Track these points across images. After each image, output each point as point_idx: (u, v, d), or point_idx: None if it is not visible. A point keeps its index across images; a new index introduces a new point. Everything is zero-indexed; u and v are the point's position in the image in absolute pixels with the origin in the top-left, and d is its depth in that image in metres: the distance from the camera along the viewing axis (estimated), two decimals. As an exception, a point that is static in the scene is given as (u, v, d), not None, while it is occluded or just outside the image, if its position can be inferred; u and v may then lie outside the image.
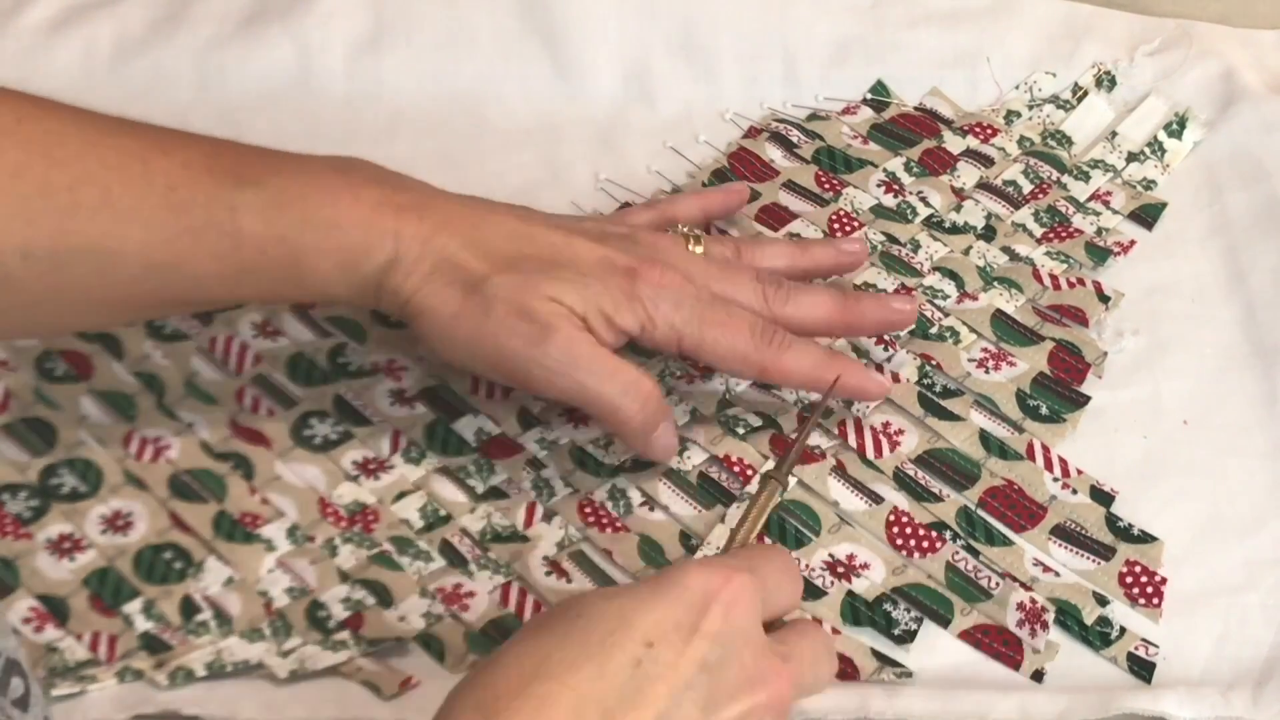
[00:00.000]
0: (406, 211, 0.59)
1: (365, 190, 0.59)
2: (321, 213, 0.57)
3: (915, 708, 0.56)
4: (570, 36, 0.79)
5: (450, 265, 0.58)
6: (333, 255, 0.58)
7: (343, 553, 0.60)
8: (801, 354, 0.62)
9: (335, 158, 0.61)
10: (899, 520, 0.62)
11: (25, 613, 0.58)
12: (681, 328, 0.60)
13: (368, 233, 0.58)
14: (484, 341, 0.58)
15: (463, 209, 0.60)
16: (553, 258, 0.60)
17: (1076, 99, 0.80)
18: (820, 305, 0.64)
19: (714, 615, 0.48)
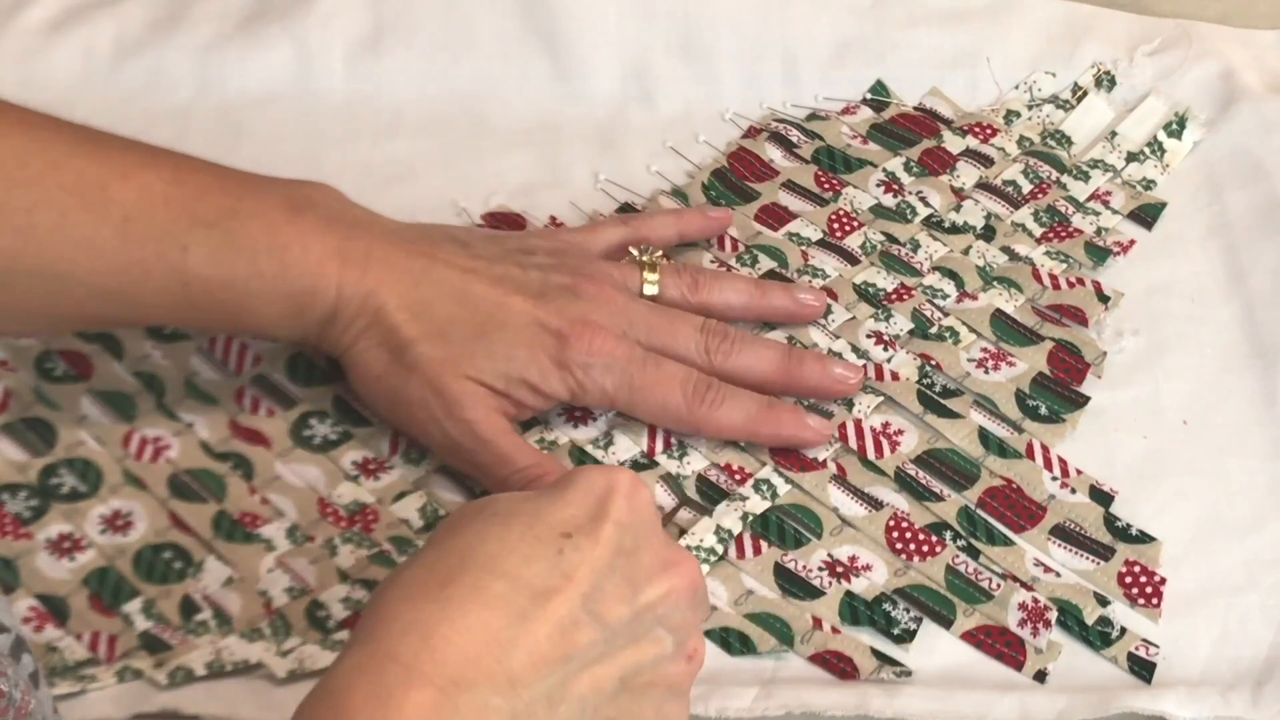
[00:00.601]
0: (351, 264, 0.60)
1: (316, 237, 0.59)
2: (269, 261, 0.59)
3: (915, 707, 0.56)
4: (570, 36, 0.79)
5: (382, 326, 0.60)
6: (277, 303, 0.59)
7: (342, 552, 0.60)
8: (735, 409, 0.62)
9: (295, 188, 0.61)
10: (899, 525, 0.62)
11: (25, 612, 0.58)
12: (613, 392, 0.62)
13: (312, 284, 0.59)
14: (399, 407, 0.61)
15: (407, 261, 0.61)
16: (484, 323, 0.61)
17: (1076, 99, 0.80)
18: (762, 361, 0.64)
19: (619, 505, 0.49)
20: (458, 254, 0.62)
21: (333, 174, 0.74)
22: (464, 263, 0.62)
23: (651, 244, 0.67)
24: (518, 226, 0.73)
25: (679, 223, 0.70)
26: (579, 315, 0.61)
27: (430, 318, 0.60)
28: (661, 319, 0.63)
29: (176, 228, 0.57)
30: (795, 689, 0.56)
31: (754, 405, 0.63)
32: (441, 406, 0.60)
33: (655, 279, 0.65)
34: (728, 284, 0.67)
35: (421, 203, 0.73)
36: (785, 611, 0.59)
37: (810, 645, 0.58)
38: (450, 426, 0.60)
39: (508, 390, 0.60)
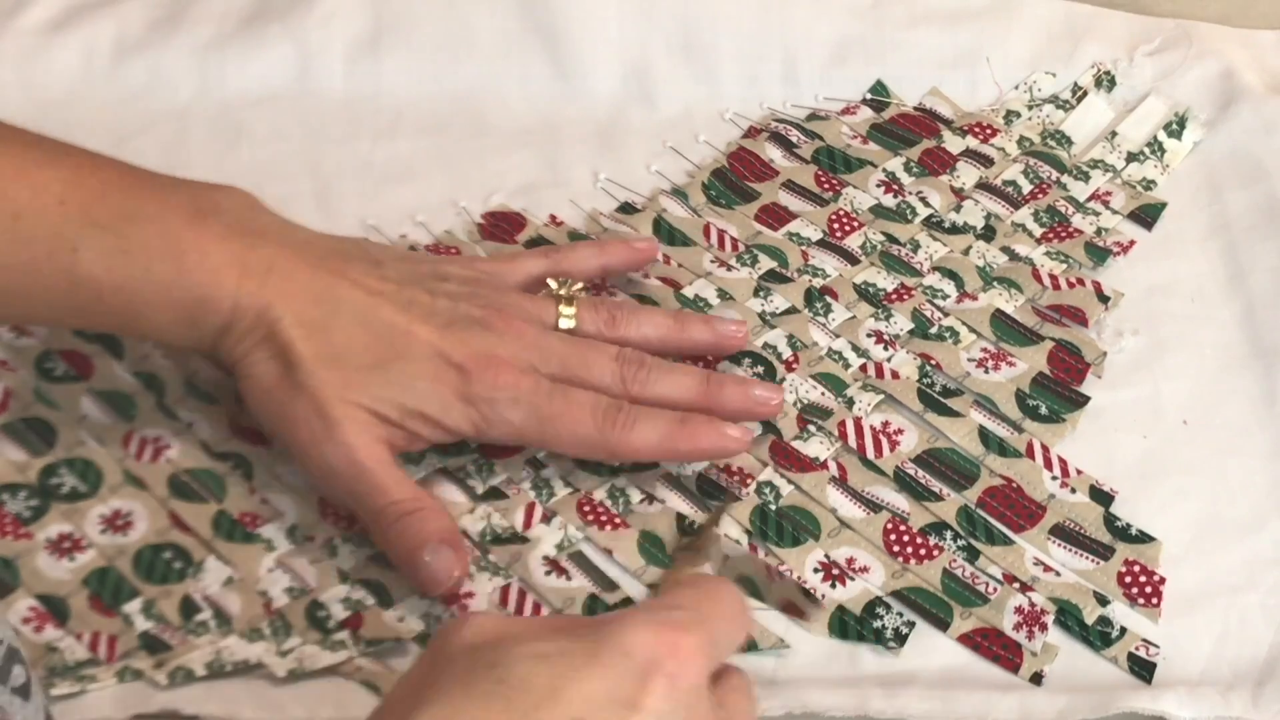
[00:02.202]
0: (250, 275, 0.58)
1: (215, 246, 0.58)
2: (164, 267, 0.57)
3: (915, 707, 0.56)
4: (570, 36, 0.79)
5: (277, 341, 0.58)
6: (169, 310, 0.58)
7: (342, 552, 0.60)
8: (649, 429, 0.60)
9: (202, 193, 0.60)
10: (896, 528, 0.62)
11: (25, 612, 0.58)
12: (520, 425, 0.60)
13: (206, 294, 0.57)
14: (283, 424, 0.59)
15: (310, 277, 0.59)
16: (384, 352, 0.59)
17: (1076, 99, 0.80)
18: (680, 388, 0.62)
19: (657, 689, 0.43)
20: (368, 274, 0.60)
21: (333, 174, 0.75)
22: (372, 284, 0.60)
23: (573, 276, 0.65)
24: (518, 226, 0.73)
25: (602, 255, 0.67)
26: (484, 349, 0.59)
27: (327, 338, 0.58)
28: (574, 350, 0.61)
29: (68, 228, 0.56)
30: (795, 689, 0.56)
31: (667, 423, 0.60)
32: (323, 429, 0.57)
33: (571, 313, 0.63)
34: (645, 318, 0.64)
35: (421, 203, 0.74)
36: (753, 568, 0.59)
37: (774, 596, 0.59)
38: (329, 450, 0.57)
39: (401, 421, 0.58)
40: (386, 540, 0.58)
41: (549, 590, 0.59)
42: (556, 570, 0.60)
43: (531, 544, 0.61)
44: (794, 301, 0.70)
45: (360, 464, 0.58)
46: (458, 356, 0.59)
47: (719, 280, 0.71)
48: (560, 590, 0.59)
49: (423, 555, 0.57)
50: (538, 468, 0.63)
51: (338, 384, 0.58)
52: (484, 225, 0.73)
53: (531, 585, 0.60)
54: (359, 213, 0.73)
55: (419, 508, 0.58)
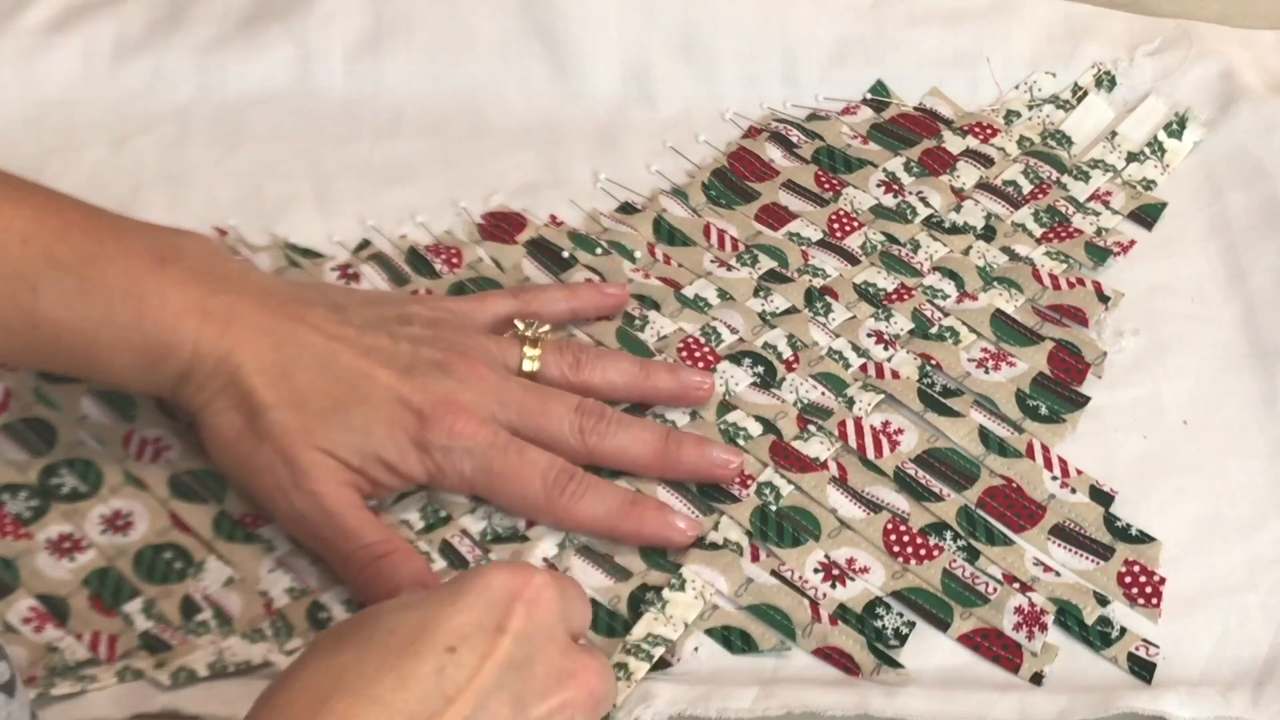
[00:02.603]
0: (210, 321, 0.57)
1: (175, 291, 0.57)
2: (124, 311, 0.57)
3: (915, 707, 0.56)
4: (570, 36, 0.79)
5: (238, 389, 0.58)
6: (127, 355, 0.57)
7: (343, 553, 0.60)
8: (596, 502, 0.60)
9: (165, 237, 0.59)
10: (896, 528, 0.62)
11: (25, 613, 0.58)
12: (471, 476, 0.59)
13: (166, 340, 0.57)
14: (248, 474, 0.58)
15: (271, 323, 0.59)
16: (345, 395, 0.58)
17: (1076, 99, 0.80)
18: (637, 443, 0.61)
19: (518, 613, 0.47)
20: (328, 319, 0.60)
21: (333, 174, 0.75)
22: (333, 329, 0.60)
23: (540, 319, 0.64)
24: (518, 226, 0.73)
25: (571, 298, 0.67)
26: (444, 395, 0.59)
27: (289, 384, 0.58)
28: (535, 399, 0.61)
29: (30, 267, 0.56)
30: (795, 689, 0.56)
31: (616, 499, 0.60)
32: (290, 476, 0.57)
33: (536, 355, 0.62)
34: (611, 364, 0.64)
35: (421, 203, 0.74)
36: (784, 601, 0.59)
37: (811, 639, 0.58)
38: (296, 497, 0.57)
39: (362, 467, 0.58)
40: (358, 585, 0.57)
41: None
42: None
43: (531, 543, 0.61)
44: (794, 301, 0.70)
45: (328, 510, 0.57)
46: (416, 401, 0.59)
47: (719, 280, 0.71)
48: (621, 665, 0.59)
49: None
50: (538, 468, 0.63)
51: (301, 430, 0.57)
52: (484, 225, 0.73)
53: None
54: (359, 213, 0.73)
55: (390, 550, 0.57)
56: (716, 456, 0.62)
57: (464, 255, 0.71)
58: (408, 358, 0.60)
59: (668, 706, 0.55)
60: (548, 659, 0.48)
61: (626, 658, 0.57)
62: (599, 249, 0.72)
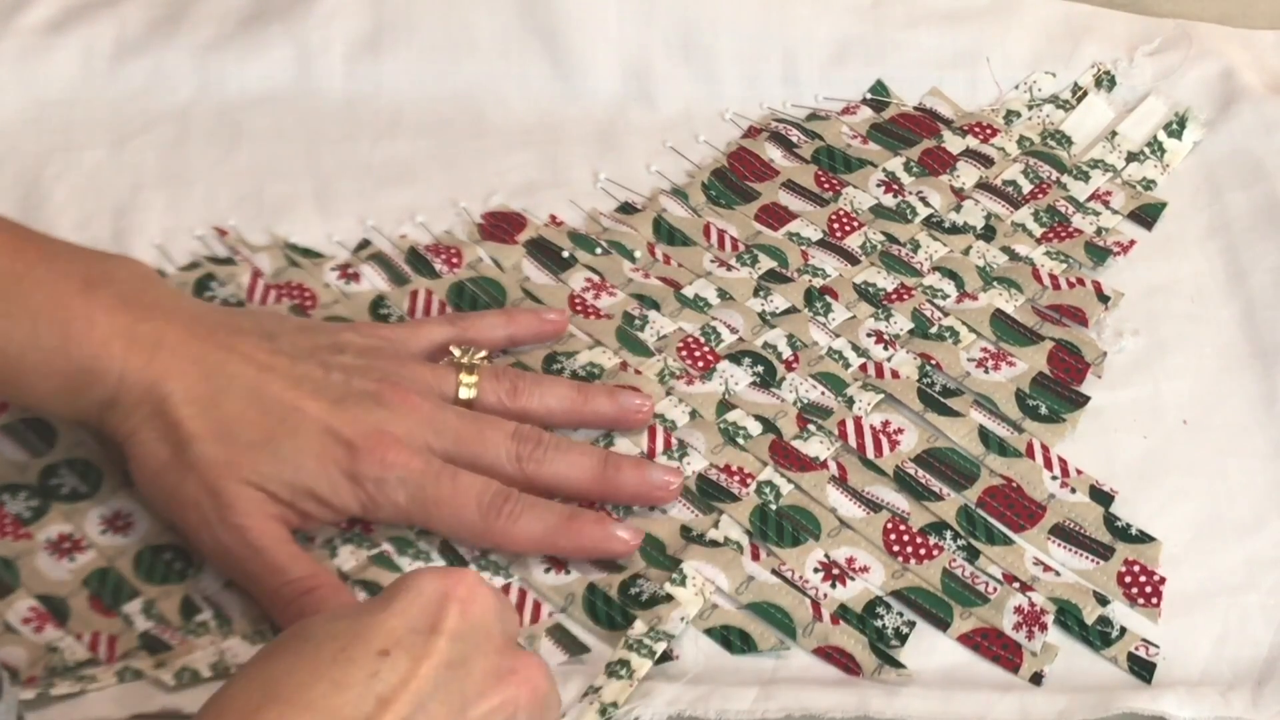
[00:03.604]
0: (137, 349, 0.56)
1: (103, 316, 0.56)
2: (50, 334, 0.56)
3: (915, 707, 0.56)
4: (570, 36, 0.79)
5: (164, 419, 0.57)
6: (52, 379, 0.56)
7: (342, 553, 0.60)
8: (534, 521, 0.59)
9: (96, 262, 0.59)
10: (896, 527, 0.62)
11: (25, 613, 0.57)
12: (406, 506, 0.58)
13: (92, 366, 0.56)
14: (173, 506, 0.58)
15: (200, 351, 0.58)
16: (274, 427, 0.57)
17: (1076, 99, 0.80)
18: (575, 468, 0.60)
19: (452, 613, 0.46)
20: (259, 348, 0.59)
21: (333, 174, 0.75)
22: (263, 359, 0.58)
23: (478, 345, 0.64)
24: (518, 226, 0.73)
25: (510, 324, 0.66)
26: (375, 426, 0.58)
27: (216, 415, 0.57)
28: (470, 427, 0.60)
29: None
30: (795, 690, 0.56)
31: (554, 517, 0.59)
32: (215, 509, 0.56)
33: (473, 381, 0.61)
34: (548, 389, 0.63)
35: (421, 203, 0.73)
36: (785, 600, 0.59)
37: (812, 638, 0.58)
38: (221, 531, 0.56)
39: (292, 500, 0.57)
40: (284, 620, 0.56)
41: (549, 588, 0.59)
42: (556, 567, 0.60)
43: (531, 544, 0.61)
44: (794, 301, 0.70)
45: (252, 545, 0.56)
46: (347, 433, 0.58)
47: (719, 280, 0.71)
48: (560, 587, 0.59)
49: None
50: (538, 468, 0.63)
51: (227, 463, 0.56)
52: (484, 225, 0.73)
53: (531, 584, 0.60)
54: (359, 213, 0.73)
55: (315, 585, 0.56)
56: (656, 479, 0.61)
57: (464, 255, 0.71)
58: (339, 388, 0.59)
59: (668, 707, 0.55)
60: (485, 658, 0.47)
61: (629, 654, 0.57)
62: (599, 249, 0.72)
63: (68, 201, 0.72)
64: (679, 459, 0.63)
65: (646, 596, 0.59)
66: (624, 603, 0.58)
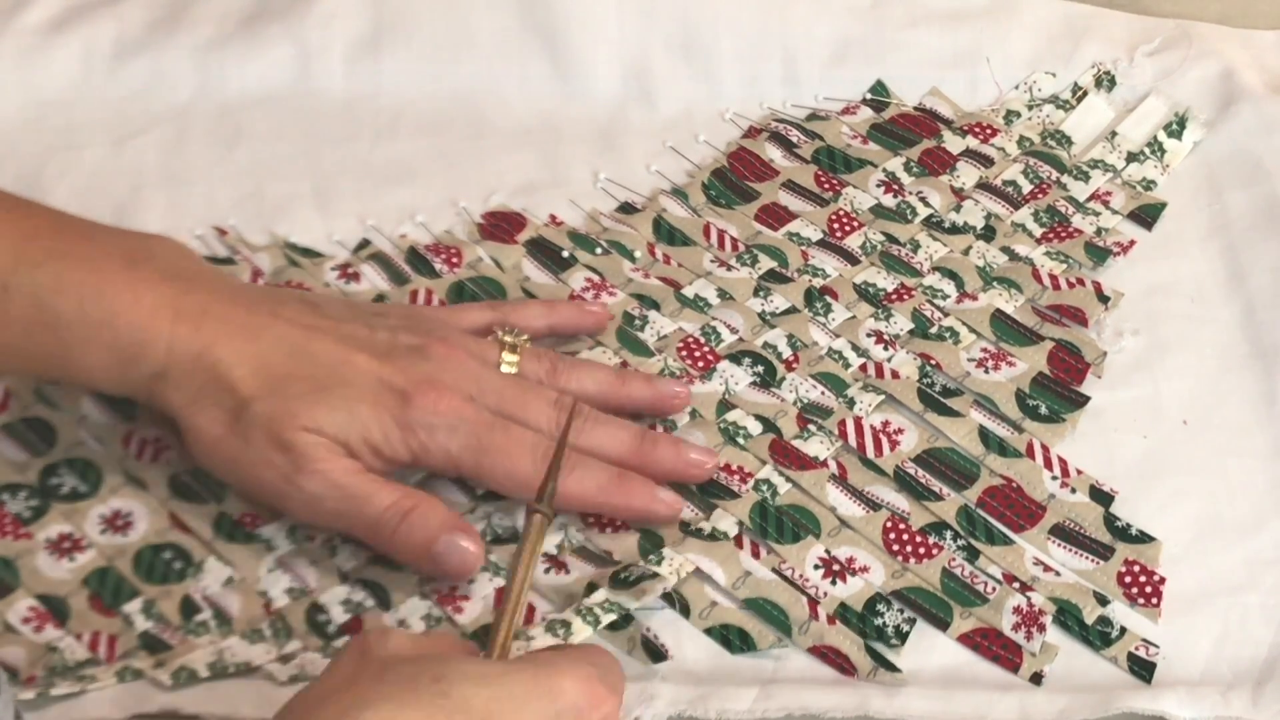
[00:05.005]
0: (184, 319, 0.57)
1: (147, 290, 0.57)
2: (96, 308, 0.56)
3: (915, 707, 0.56)
4: (570, 36, 0.79)
5: (217, 385, 0.57)
6: (101, 353, 0.57)
7: (342, 553, 0.60)
8: (586, 477, 0.59)
9: (135, 240, 0.59)
10: (895, 527, 0.62)
11: (25, 613, 0.57)
12: (458, 455, 0.58)
13: (140, 338, 0.56)
14: (242, 470, 0.58)
15: (245, 317, 0.58)
16: (325, 379, 0.58)
17: (1076, 99, 0.80)
18: (614, 440, 0.61)
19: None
20: (303, 313, 0.60)
21: (333, 174, 0.75)
22: (308, 321, 0.59)
23: (518, 330, 0.64)
24: (518, 226, 0.73)
25: (552, 314, 0.66)
26: (425, 375, 0.58)
27: (268, 374, 0.57)
28: (514, 389, 0.61)
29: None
30: (795, 690, 0.56)
31: (605, 475, 0.60)
32: (291, 462, 0.56)
33: (514, 360, 0.62)
34: (587, 372, 0.63)
35: (421, 203, 0.74)
36: (781, 597, 0.59)
37: (808, 636, 0.58)
38: (305, 481, 0.57)
39: (349, 448, 0.57)
40: (393, 546, 0.57)
41: (549, 588, 0.59)
42: (556, 567, 0.60)
43: (531, 544, 0.61)
44: (794, 301, 0.70)
45: (340, 485, 0.57)
46: (399, 382, 0.58)
47: (719, 280, 0.71)
48: (560, 587, 0.59)
49: (435, 550, 0.57)
50: (538, 468, 0.63)
51: (287, 415, 0.57)
52: (484, 225, 0.73)
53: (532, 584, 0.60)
54: (359, 212, 0.73)
55: (412, 506, 0.57)
56: (692, 457, 0.62)
57: (464, 255, 0.71)
58: (386, 344, 0.60)
59: (667, 707, 0.55)
60: None
61: (574, 618, 0.57)
62: (599, 249, 0.72)
63: (68, 201, 0.71)
64: (679, 459, 0.63)
65: (634, 578, 0.59)
66: (613, 586, 0.58)
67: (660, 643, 0.58)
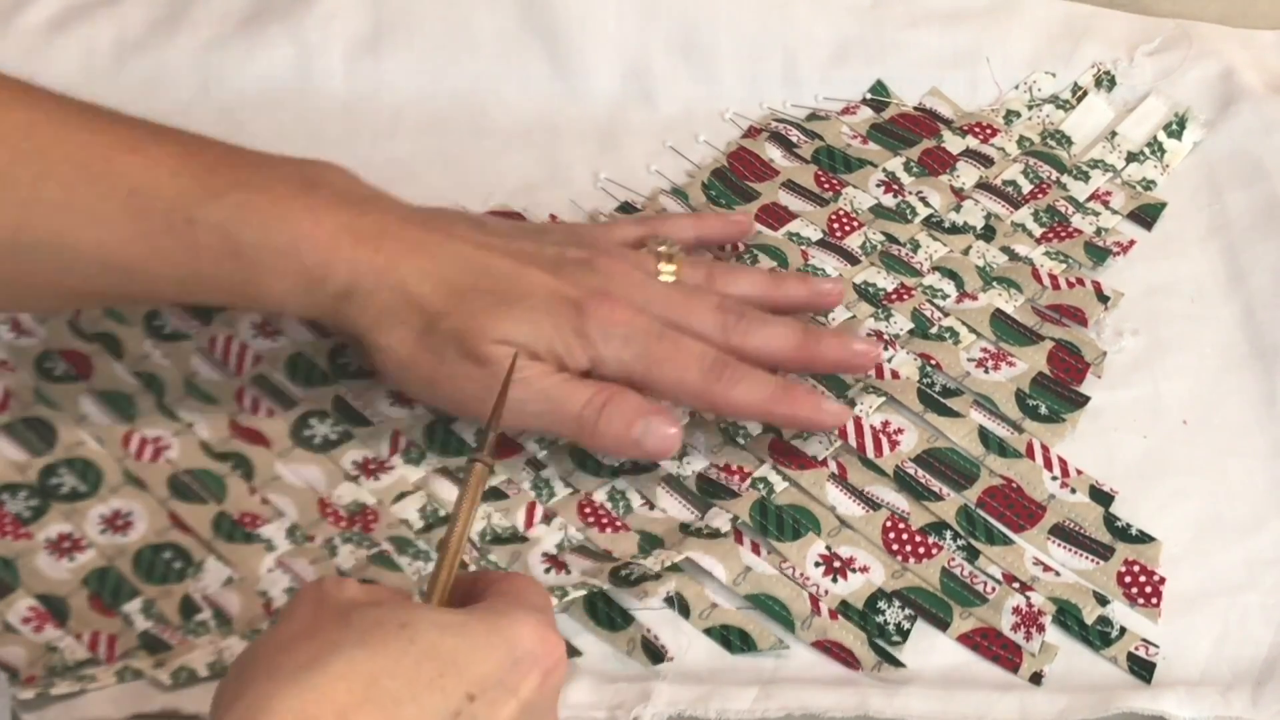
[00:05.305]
0: (365, 240, 0.59)
1: (327, 213, 0.59)
2: (280, 234, 0.58)
3: (915, 707, 0.56)
4: (570, 36, 0.79)
5: (404, 302, 0.59)
6: (288, 277, 0.58)
7: (342, 553, 0.60)
8: (752, 387, 0.61)
9: (307, 167, 0.61)
10: (895, 526, 0.62)
11: (25, 612, 0.58)
12: (630, 363, 0.61)
13: (324, 259, 0.58)
14: (441, 385, 0.60)
15: (422, 235, 0.60)
16: (505, 292, 0.60)
17: (1076, 99, 0.80)
18: (779, 338, 0.63)
19: (531, 680, 0.46)
20: (473, 231, 0.62)
21: (333, 174, 0.75)
22: (479, 238, 0.62)
23: (669, 240, 0.67)
24: (519, 226, 0.73)
25: (698, 225, 0.69)
26: (595, 287, 0.61)
27: (450, 290, 0.59)
28: (678, 296, 0.63)
29: (184, 200, 0.57)
30: (795, 689, 0.56)
31: (771, 385, 0.62)
32: (490, 374, 0.58)
33: (671, 269, 0.65)
34: (743, 276, 0.66)
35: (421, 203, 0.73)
36: (783, 592, 0.59)
37: (811, 631, 0.58)
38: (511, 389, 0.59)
39: (536, 352, 0.60)
40: (595, 438, 0.60)
41: (549, 587, 0.59)
42: (556, 567, 0.60)
43: (531, 544, 0.61)
44: (794, 301, 0.70)
45: (542, 388, 0.59)
46: (573, 294, 0.60)
47: (719, 280, 0.71)
48: (560, 588, 0.59)
49: (634, 435, 0.60)
50: (538, 468, 0.63)
51: (476, 329, 0.59)
52: (485, 224, 0.73)
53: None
54: (359, 213, 0.73)
55: (609, 397, 0.60)
56: (857, 348, 0.64)
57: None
58: (554, 258, 0.62)
59: (668, 707, 0.55)
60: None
61: None
62: (599, 249, 0.72)
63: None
64: (679, 459, 0.63)
65: (635, 576, 0.59)
66: (614, 583, 0.58)
67: (660, 643, 0.58)
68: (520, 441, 0.64)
